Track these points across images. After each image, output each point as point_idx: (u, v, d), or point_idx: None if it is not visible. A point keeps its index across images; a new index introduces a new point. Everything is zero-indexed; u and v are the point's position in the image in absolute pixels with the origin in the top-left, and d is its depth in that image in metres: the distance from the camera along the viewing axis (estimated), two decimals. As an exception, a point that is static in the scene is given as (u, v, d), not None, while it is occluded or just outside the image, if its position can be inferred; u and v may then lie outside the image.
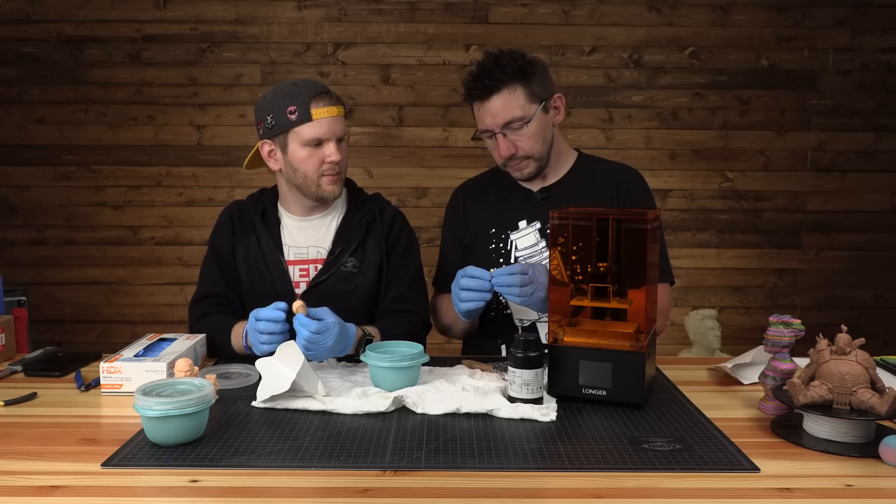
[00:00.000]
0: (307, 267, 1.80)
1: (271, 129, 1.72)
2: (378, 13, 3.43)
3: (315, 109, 1.69)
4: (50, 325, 3.53)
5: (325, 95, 1.71)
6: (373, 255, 1.80)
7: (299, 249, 1.81)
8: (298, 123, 1.69)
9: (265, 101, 1.74)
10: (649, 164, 3.51)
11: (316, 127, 1.70)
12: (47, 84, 3.43)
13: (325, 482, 1.10)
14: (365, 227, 1.81)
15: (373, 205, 1.86)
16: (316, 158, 1.72)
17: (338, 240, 1.80)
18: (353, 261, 1.79)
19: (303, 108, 1.68)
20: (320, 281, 1.77)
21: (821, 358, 1.26)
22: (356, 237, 1.80)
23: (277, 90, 1.73)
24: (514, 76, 1.72)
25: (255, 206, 1.85)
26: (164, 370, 1.46)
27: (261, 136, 1.76)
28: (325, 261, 1.79)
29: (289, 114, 1.69)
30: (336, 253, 1.79)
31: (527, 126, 1.74)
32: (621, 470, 1.13)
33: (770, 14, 3.46)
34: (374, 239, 1.81)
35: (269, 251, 1.79)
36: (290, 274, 1.78)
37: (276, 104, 1.71)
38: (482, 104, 1.74)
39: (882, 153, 3.56)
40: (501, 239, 1.84)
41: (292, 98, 1.69)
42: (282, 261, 1.79)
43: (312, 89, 1.71)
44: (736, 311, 3.63)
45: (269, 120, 1.72)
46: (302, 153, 1.71)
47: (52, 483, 1.09)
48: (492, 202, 1.89)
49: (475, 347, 1.90)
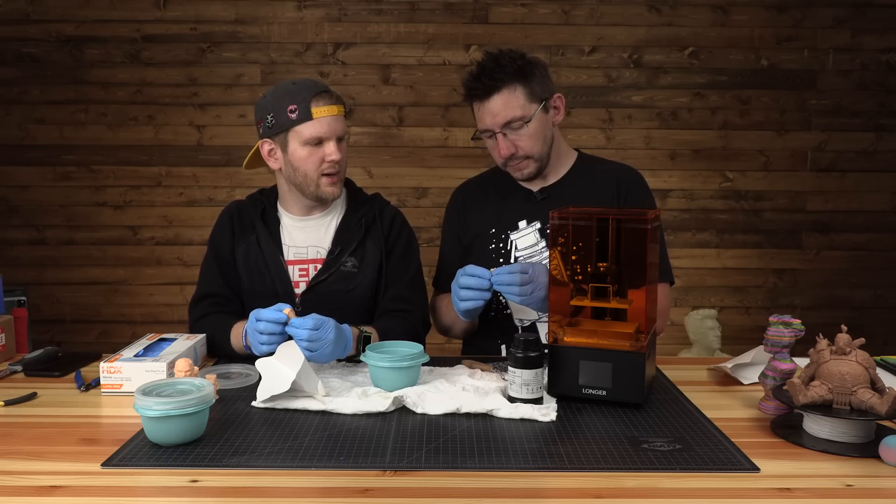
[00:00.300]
0: (307, 267, 1.80)
1: (271, 128, 1.72)
2: (378, 13, 3.43)
3: (315, 108, 1.69)
4: (50, 325, 3.53)
5: (325, 94, 1.71)
6: (372, 255, 1.80)
7: (299, 249, 1.81)
8: (299, 122, 1.69)
9: (265, 100, 1.74)
10: (649, 164, 3.51)
11: (316, 126, 1.70)
12: (47, 84, 3.43)
13: (325, 482, 1.10)
14: (364, 226, 1.81)
15: (372, 205, 1.86)
16: (316, 157, 1.72)
17: (337, 240, 1.80)
18: (353, 260, 1.79)
19: (303, 106, 1.68)
20: (320, 281, 1.76)
21: (821, 358, 1.26)
22: (356, 237, 1.80)
23: (278, 89, 1.73)
24: (514, 76, 1.72)
25: (254, 207, 1.85)
26: (164, 370, 1.46)
27: (261, 135, 1.76)
28: (324, 261, 1.79)
29: (289, 113, 1.69)
30: (336, 253, 1.79)
31: (527, 126, 1.74)
32: (621, 470, 1.13)
33: (770, 14, 3.46)
34: (374, 239, 1.81)
35: (269, 251, 1.79)
36: (290, 274, 1.78)
37: (276, 103, 1.71)
38: (482, 104, 1.74)
39: (882, 153, 3.56)
40: (501, 239, 1.84)
41: (293, 97, 1.69)
42: (281, 261, 1.78)
43: (313, 88, 1.71)
44: (736, 311, 3.63)
45: (269, 119, 1.72)
46: (302, 152, 1.71)
47: (52, 483, 1.09)
48: (492, 202, 1.89)
49: (475, 347, 1.90)
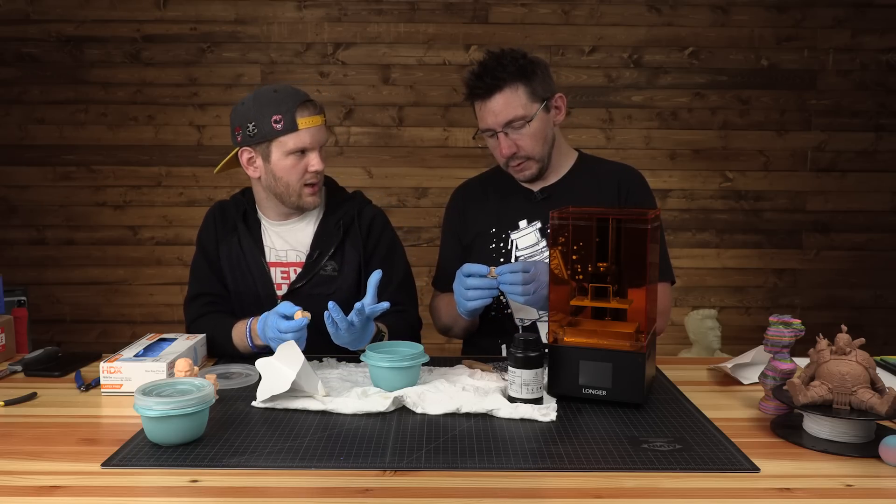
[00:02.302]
0: (288, 270, 1.79)
1: (253, 136, 1.68)
2: (378, 13, 3.43)
3: (300, 119, 1.67)
4: (50, 325, 3.52)
5: (309, 104, 1.69)
6: (352, 258, 1.78)
7: (279, 252, 1.80)
8: (284, 133, 1.67)
9: (244, 107, 1.70)
10: (649, 164, 3.51)
11: (302, 136, 1.68)
12: (47, 84, 3.43)
13: (325, 482, 1.10)
14: (343, 228, 1.79)
15: (351, 205, 1.84)
16: (300, 168, 1.70)
17: (316, 243, 1.78)
18: (333, 264, 1.77)
19: (288, 117, 1.66)
20: (300, 285, 1.75)
21: (821, 358, 1.26)
22: (334, 240, 1.78)
23: (259, 97, 1.69)
24: (515, 75, 1.71)
25: (236, 207, 1.83)
26: (164, 370, 1.46)
27: (239, 143, 1.72)
28: (303, 264, 1.78)
29: (273, 123, 1.66)
30: (314, 257, 1.77)
31: (528, 125, 1.73)
32: (621, 470, 1.13)
33: (770, 14, 3.46)
34: (353, 241, 1.79)
35: (251, 252, 1.78)
36: (272, 276, 1.77)
37: (258, 112, 1.67)
38: (484, 103, 1.74)
39: (882, 153, 3.56)
40: (502, 238, 1.84)
41: (276, 106, 1.66)
42: (263, 262, 1.77)
43: (296, 97, 1.68)
44: (736, 311, 3.63)
45: (250, 128, 1.68)
46: (286, 162, 1.69)
47: (52, 483, 1.09)
48: (492, 201, 1.89)
49: (475, 347, 1.90)
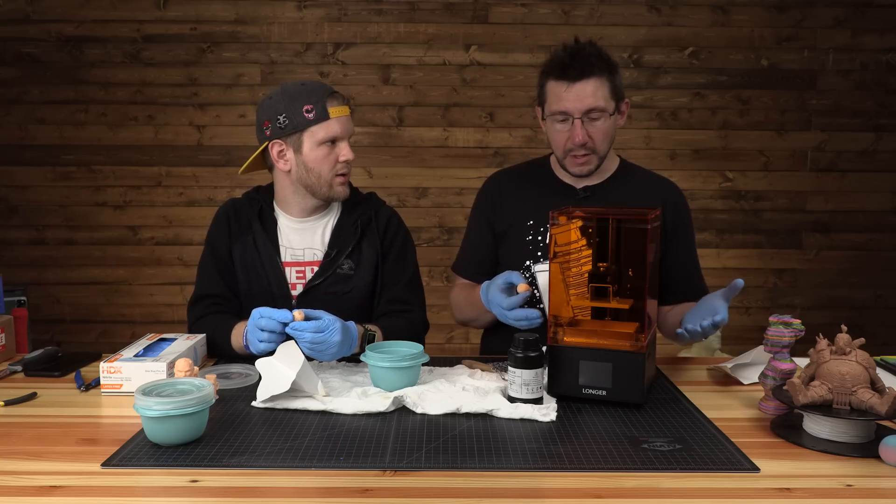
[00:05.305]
0: (303, 269, 1.79)
1: (284, 128, 1.70)
2: (378, 13, 3.43)
3: (331, 108, 1.69)
4: (50, 325, 3.52)
5: (337, 95, 1.73)
6: (368, 257, 1.79)
7: (295, 251, 1.80)
8: (316, 122, 1.69)
9: (272, 101, 1.71)
10: (649, 164, 3.44)
11: (334, 125, 1.70)
12: (47, 84, 3.43)
13: (325, 482, 1.10)
14: (360, 228, 1.80)
15: (368, 205, 1.85)
16: (331, 158, 1.72)
17: (333, 242, 1.79)
18: (350, 263, 1.78)
19: (319, 106, 1.68)
20: (316, 283, 1.76)
21: (821, 358, 1.26)
22: (352, 239, 1.79)
23: (287, 90, 1.71)
24: (605, 68, 1.70)
25: (251, 206, 1.82)
26: (164, 370, 1.46)
27: (269, 136, 1.72)
28: (320, 263, 1.78)
29: (305, 113, 1.68)
30: (332, 255, 1.78)
31: (604, 120, 1.71)
32: (621, 470, 1.13)
33: (770, 14, 3.46)
34: (370, 240, 1.80)
35: (266, 252, 1.77)
36: (287, 275, 1.77)
37: (289, 104, 1.69)
38: (571, 85, 1.68)
39: (882, 153, 3.55)
40: (540, 232, 1.81)
41: (307, 97, 1.69)
42: (278, 262, 1.77)
43: (324, 88, 1.71)
44: (736, 311, 3.62)
45: (280, 119, 1.69)
46: (318, 152, 1.71)
47: (52, 483, 1.09)
48: (531, 194, 1.86)
49: (492, 348, 1.88)
